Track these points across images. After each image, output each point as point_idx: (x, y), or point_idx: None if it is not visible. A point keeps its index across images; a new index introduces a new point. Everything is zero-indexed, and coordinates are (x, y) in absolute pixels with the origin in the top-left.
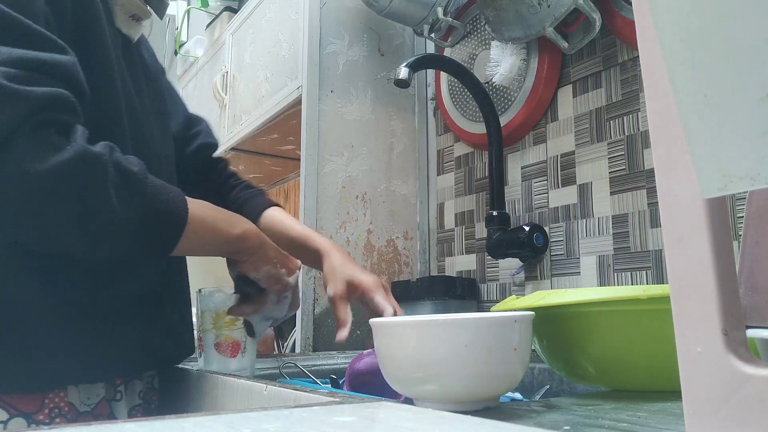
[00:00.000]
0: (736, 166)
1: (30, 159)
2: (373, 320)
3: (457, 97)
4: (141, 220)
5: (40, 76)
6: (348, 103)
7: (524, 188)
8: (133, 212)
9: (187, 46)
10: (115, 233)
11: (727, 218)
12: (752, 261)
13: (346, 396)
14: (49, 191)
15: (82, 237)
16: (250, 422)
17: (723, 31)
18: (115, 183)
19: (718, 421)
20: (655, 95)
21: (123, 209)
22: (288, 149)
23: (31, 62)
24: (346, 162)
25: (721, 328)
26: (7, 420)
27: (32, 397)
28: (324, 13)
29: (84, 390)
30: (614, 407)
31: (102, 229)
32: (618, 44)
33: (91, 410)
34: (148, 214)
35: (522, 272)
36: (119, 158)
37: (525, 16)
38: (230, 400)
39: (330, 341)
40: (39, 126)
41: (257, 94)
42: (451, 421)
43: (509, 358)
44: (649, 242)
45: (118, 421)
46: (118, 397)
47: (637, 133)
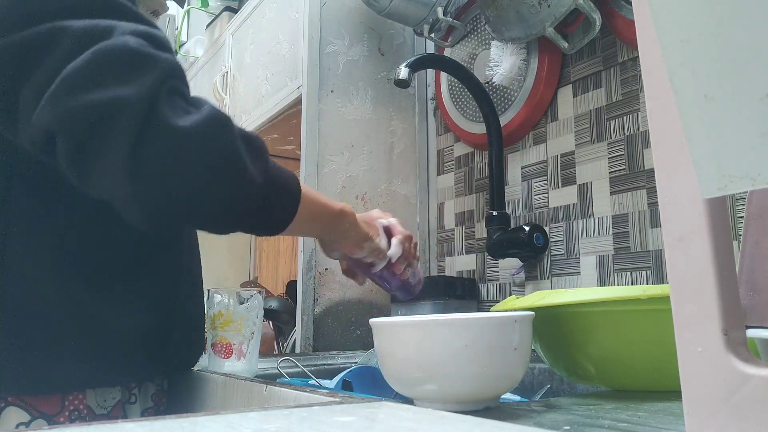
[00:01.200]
0: (736, 166)
1: (176, 117)
2: (373, 320)
3: (457, 97)
4: (267, 185)
5: (159, 44)
6: (348, 103)
7: (524, 188)
8: (261, 175)
9: (187, 46)
10: (248, 195)
11: (727, 218)
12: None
13: (346, 396)
14: (195, 147)
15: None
16: (250, 422)
17: (723, 32)
18: (244, 145)
19: (718, 421)
20: (655, 95)
21: (253, 169)
22: (288, 149)
23: (150, 35)
24: (347, 162)
25: (721, 328)
26: (29, 421)
27: (53, 399)
28: (324, 13)
29: (101, 393)
30: (614, 407)
31: (236, 187)
32: (618, 44)
33: (107, 413)
34: (271, 180)
35: (522, 272)
36: (242, 128)
37: (525, 16)
38: (230, 400)
39: (330, 341)
40: (171, 91)
41: (257, 94)
42: (452, 421)
43: (509, 358)
44: (649, 242)
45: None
46: (132, 400)
47: (637, 133)
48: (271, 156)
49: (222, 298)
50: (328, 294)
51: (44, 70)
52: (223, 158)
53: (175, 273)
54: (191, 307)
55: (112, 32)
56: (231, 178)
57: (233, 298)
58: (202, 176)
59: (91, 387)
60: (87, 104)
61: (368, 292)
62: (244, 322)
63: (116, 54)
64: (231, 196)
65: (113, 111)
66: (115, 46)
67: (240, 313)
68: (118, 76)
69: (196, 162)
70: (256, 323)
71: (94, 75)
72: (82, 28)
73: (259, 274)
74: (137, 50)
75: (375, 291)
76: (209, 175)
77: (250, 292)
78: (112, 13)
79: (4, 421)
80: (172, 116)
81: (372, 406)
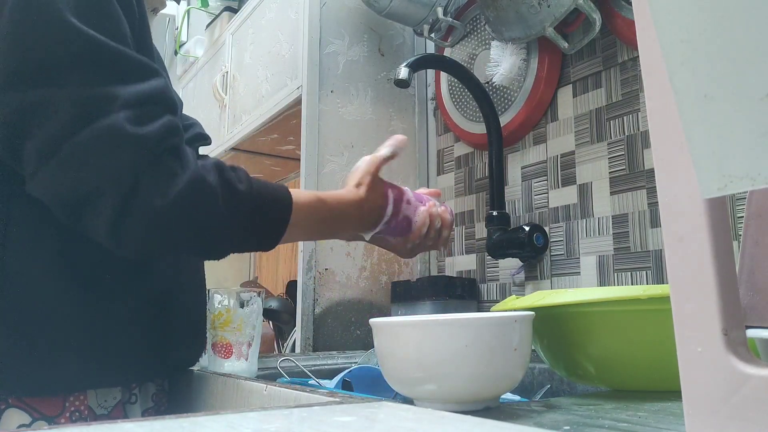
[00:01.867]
0: (736, 166)
1: (154, 195)
2: (373, 320)
3: (457, 97)
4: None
5: (152, 108)
6: (348, 103)
7: (524, 188)
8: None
9: (187, 46)
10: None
11: (727, 218)
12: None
13: (346, 396)
14: (174, 219)
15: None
16: (250, 422)
17: (723, 32)
18: (225, 201)
19: (718, 421)
20: (655, 95)
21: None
22: (288, 149)
23: (142, 97)
24: (347, 162)
25: (721, 328)
26: (30, 423)
27: (54, 401)
28: (324, 13)
29: (102, 393)
30: (614, 407)
31: (217, 237)
32: (618, 44)
33: (108, 413)
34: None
35: (522, 272)
36: (228, 177)
37: (525, 17)
38: (230, 400)
39: (330, 341)
40: (157, 159)
41: (257, 94)
42: (452, 421)
43: (509, 358)
44: (649, 242)
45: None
46: (133, 400)
47: (637, 133)
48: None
49: (222, 298)
50: (328, 294)
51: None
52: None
53: (176, 272)
54: (192, 306)
55: (111, 105)
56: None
57: (233, 299)
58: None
59: (92, 387)
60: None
61: (368, 292)
62: (244, 322)
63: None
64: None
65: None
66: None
67: (240, 314)
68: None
69: (175, 231)
70: (256, 323)
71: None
72: (81, 99)
73: (259, 274)
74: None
75: (375, 291)
76: (188, 236)
77: (251, 292)
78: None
79: (5, 422)
80: (152, 195)
81: (372, 406)
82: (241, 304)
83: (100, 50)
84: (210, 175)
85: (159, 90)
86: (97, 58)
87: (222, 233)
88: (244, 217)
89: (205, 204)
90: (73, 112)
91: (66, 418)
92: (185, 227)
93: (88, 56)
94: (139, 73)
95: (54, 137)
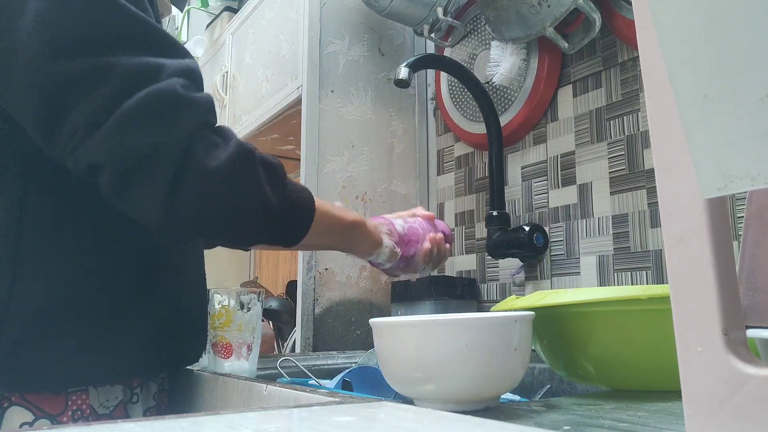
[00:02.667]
0: (736, 166)
1: (208, 158)
2: (373, 320)
3: (457, 97)
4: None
5: (195, 81)
6: (348, 103)
7: (524, 188)
8: (279, 199)
9: (187, 46)
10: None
11: (727, 218)
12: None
13: (346, 396)
14: (223, 185)
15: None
16: (250, 422)
17: (723, 32)
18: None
19: (718, 421)
20: (655, 95)
21: (272, 195)
22: (288, 149)
23: (186, 70)
24: (347, 162)
25: (721, 328)
26: (33, 421)
27: (56, 399)
28: (324, 13)
29: (103, 392)
30: (614, 407)
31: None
32: (618, 44)
33: (109, 413)
34: (288, 203)
35: (522, 272)
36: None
37: (525, 16)
38: (230, 400)
39: (330, 341)
40: (206, 126)
41: (257, 94)
42: (451, 421)
43: (509, 358)
44: (649, 242)
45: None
46: (134, 400)
47: (637, 133)
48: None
49: (222, 298)
50: (328, 294)
51: (94, 101)
52: (247, 191)
53: (178, 270)
54: (194, 304)
55: (160, 73)
56: (253, 206)
57: (233, 299)
58: (228, 208)
59: (92, 384)
60: (135, 145)
61: (368, 292)
62: (244, 322)
63: (164, 99)
64: (252, 221)
65: (156, 153)
66: (163, 92)
67: (240, 314)
68: (163, 121)
69: (224, 197)
70: (256, 323)
71: (142, 118)
72: (133, 66)
73: (259, 274)
74: (181, 96)
75: (375, 291)
76: (235, 206)
77: (250, 292)
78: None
79: (8, 420)
80: (204, 157)
81: (372, 406)
82: (241, 305)
83: (144, 26)
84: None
85: (196, 68)
86: (142, 32)
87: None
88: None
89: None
90: (126, 78)
91: (68, 417)
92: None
93: (134, 30)
94: (178, 51)
95: (106, 103)
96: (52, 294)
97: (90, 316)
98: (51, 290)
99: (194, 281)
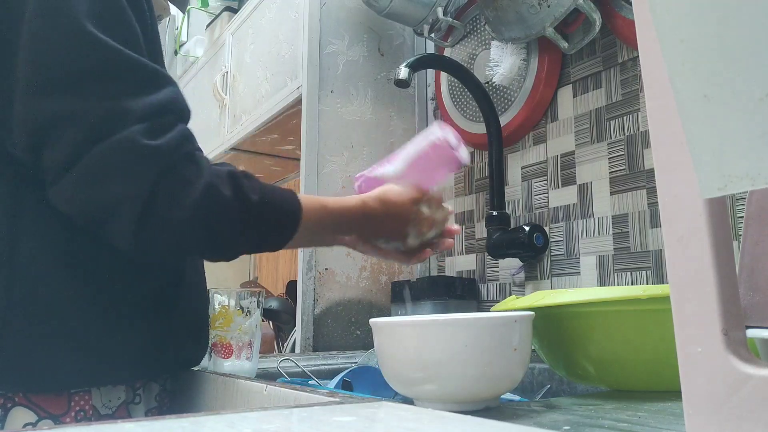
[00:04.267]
0: (736, 166)
1: (172, 205)
2: (373, 320)
3: (457, 97)
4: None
5: (166, 119)
6: (348, 104)
7: (524, 188)
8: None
9: (187, 46)
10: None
11: (727, 218)
12: (752, 261)
13: (346, 396)
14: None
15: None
16: (250, 422)
17: (723, 32)
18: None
19: (718, 421)
20: (655, 95)
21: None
22: (288, 149)
23: (156, 109)
24: (347, 162)
25: (721, 328)
26: (36, 422)
27: (59, 400)
28: (324, 13)
29: (106, 393)
30: (614, 407)
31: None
32: (618, 44)
33: (112, 413)
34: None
35: (522, 272)
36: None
37: (525, 17)
38: (230, 400)
39: (330, 341)
40: (173, 169)
41: (257, 94)
42: (452, 421)
43: (509, 358)
44: (649, 242)
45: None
46: (137, 401)
47: (637, 133)
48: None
49: (222, 298)
50: (328, 294)
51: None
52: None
53: (178, 272)
54: (195, 304)
55: (124, 120)
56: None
57: (233, 299)
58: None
59: (97, 385)
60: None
61: (368, 292)
62: (244, 322)
63: (123, 152)
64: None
65: (117, 208)
66: (123, 143)
67: (240, 314)
68: (123, 174)
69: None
70: (256, 323)
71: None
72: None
73: (259, 274)
74: (141, 146)
75: (375, 291)
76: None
77: (251, 292)
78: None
79: (11, 421)
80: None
81: (372, 406)
82: (241, 305)
83: (118, 60)
84: (224, 185)
85: (172, 99)
86: (115, 68)
87: (235, 239)
88: (256, 225)
89: (220, 214)
90: (92, 126)
91: (71, 418)
92: (201, 235)
93: (106, 67)
94: (154, 82)
95: (73, 149)
96: (54, 295)
97: (92, 318)
98: (52, 291)
99: (194, 282)
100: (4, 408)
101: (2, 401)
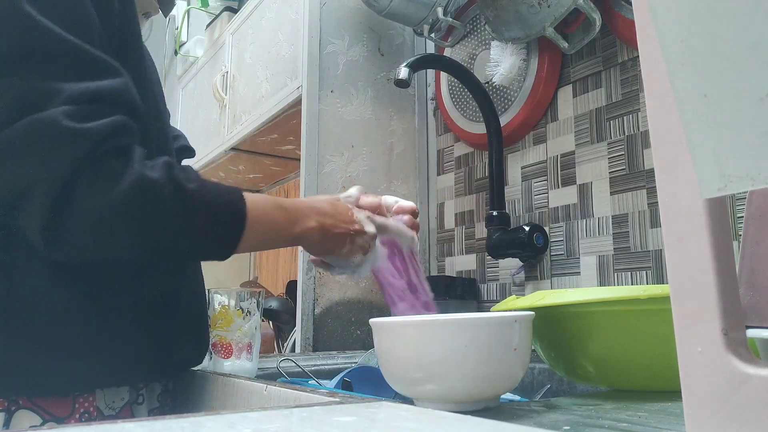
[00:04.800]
0: (736, 166)
1: (94, 193)
2: (373, 320)
3: (457, 97)
4: (201, 231)
5: (99, 107)
6: (348, 103)
7: (524, 188)
8: (193, 227)
9: (187, 46)
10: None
11: (727, 218)
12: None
13: (346, 396)
14: (116, 219)
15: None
16: (250, 422)
17: (723, 32)
18: (173, 203)
19: (718, 421)
20: (655, 95)
21: (183, 226)
22: (288, 149)
23: (89, 95)
24: (346, 162)
25: (721, 328)
26: (41, 424)
27: (63, 402)
28: (324, 13)
29: (110, 394)
30: (614, 407)
31: (166, 239)
32: (618, 44)
33: (115, 414)
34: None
35: (522, 272)
36: (177, 177)
37: (525, 17)
38: (230, 400)
39: (330, 341)
40: (100, 158)
41: (257, 94)
42: (451, 421)
43: (509, 358)
44: (649, 242)
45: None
46: (140, 401)
47: (637, 133)
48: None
49: (222, 298)
50: (328, 294)
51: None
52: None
53: (179, 272)
54: (194, 306)
55: (50, 100)
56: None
57: (233, 299)
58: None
59: (100, 386)
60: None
61: (368, 292)
62: (244, 322)
63: (40, 130)
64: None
65: (32, 187)
66: (43, 122)
67: (240, 314)
68: (40, 154)
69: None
70: (256, 323)
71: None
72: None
73: (259, 274)
74: (63, 127)
75: (375, 291)
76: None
77: (251, 292)
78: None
79: (15, 424)
80: (91, 192)
81: (372, 406)
82: (241, 305)
83: (55, 43)
84: (156, 173)
85: (114, 89)
86: (50, 51)
87: (170, 235)
88: (195, 217)
89: (151, 203)
90: (11, 104)
91: (75, 419)
92: (129, 228)
93: (41, 49)
94: (95, 70)
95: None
96: (54, 300)
97: (93, 322)
98: (52, 297)
99: (193, 284)
100: (8, 411)
101: (6, 405)
